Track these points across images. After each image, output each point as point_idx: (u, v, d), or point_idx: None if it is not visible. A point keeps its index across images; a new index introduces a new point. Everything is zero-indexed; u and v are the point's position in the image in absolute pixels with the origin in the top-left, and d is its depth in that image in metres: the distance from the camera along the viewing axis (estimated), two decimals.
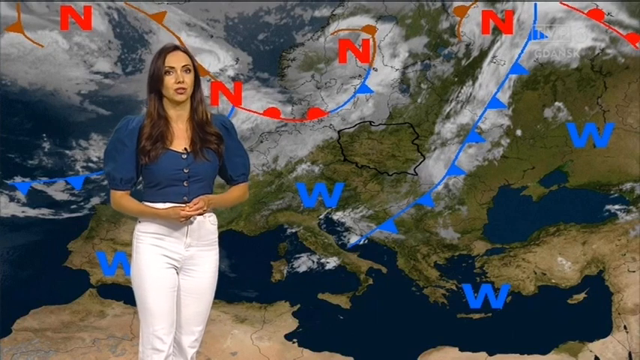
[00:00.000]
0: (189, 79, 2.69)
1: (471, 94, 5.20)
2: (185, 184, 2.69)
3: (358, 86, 5.15)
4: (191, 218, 2.68)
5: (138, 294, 2.78)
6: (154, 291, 2.73)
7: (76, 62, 5.06)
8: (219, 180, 2.85)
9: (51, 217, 5.10)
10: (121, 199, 2.75)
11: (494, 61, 5.17)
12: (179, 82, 2.66)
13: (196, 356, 2.90)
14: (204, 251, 2.77)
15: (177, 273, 2.77)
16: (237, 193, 2.85)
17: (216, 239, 2.82)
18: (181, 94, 2.67)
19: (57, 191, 5.10)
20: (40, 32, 4.98)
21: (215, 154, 2.73)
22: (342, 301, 5.20)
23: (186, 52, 2.74)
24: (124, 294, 5.08)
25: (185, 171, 2.69)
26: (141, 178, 2.78)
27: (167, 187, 2.70)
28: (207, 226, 2.76)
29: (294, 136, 5.24)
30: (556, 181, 5.22)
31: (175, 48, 2.73)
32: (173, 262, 2.74)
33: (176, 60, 2.69)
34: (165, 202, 2.70)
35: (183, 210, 2.63)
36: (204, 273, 2.79)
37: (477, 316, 5.10)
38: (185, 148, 2.70)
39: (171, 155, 2.68)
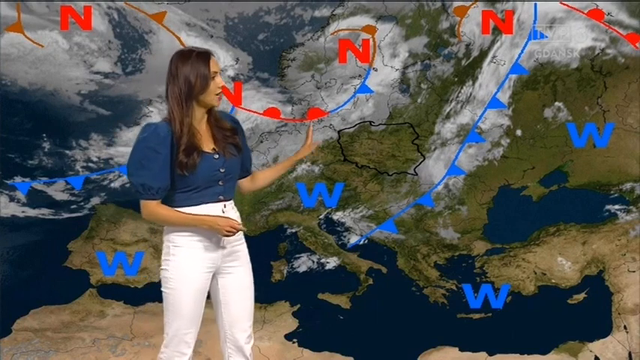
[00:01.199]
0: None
1: (470, 94, 5.20)
2: (221, 183, 2.70)
3: (358, 86, 5.15)
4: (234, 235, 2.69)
5: (171, 297, 2.72)
6: (189, 296, 2.71)
7: (76, 62, 5.06)
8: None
9: (51, 217, 5.10)
10: (157, 207, 2.66)
11: (494, 61, 5.17)
12: (219, 87, 2.67)
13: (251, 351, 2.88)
14: (239, 245, 2.80)
15: (213, 276, 2.77)
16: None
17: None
18: (220, 99, 2.70)
19: (57, 191, 5.10)
20: (40, 32, 4.98)
21: (235, 148, 2.75)
22: (342, 301, 5.20)
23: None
24: (124, 294, 5.09)
25: (221, 171, 2.70)
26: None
27: (204, 190, 2.69)
28: (239, 220, 2.78)
29: (294, 136, 5.24)
30: (556, 181, 5.22)
31: (210, 52, 2.70)
32: (210, 265, 2.74)
33: (215, 64, 2.68)
34: (200, 204, 2.68)
35: (233, 222, 2.65)
36: (243, 267, 2.80)
37: (477, 316, 5.10)
38: (213, 149, 2.70)
39: (206, 159, 2.67)
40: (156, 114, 5.08)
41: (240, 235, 2.80)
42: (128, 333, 5.05)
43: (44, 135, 5.08)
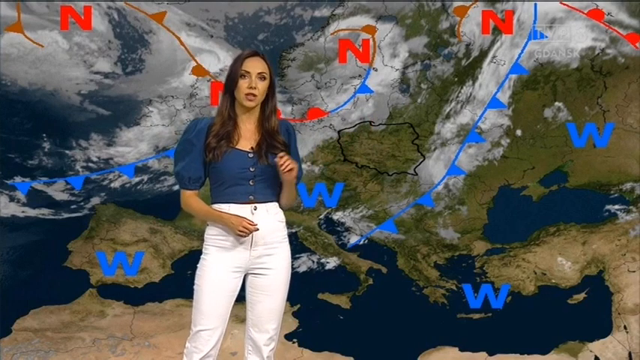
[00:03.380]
0: (262, 86, 2.72)
1: (470, 94, 5.20)
2: (251, 182, 2.71)
3: (358, 86, 5.15)
4: (252, 232, 2.69)
5: (196, 294, 2.80)
6: (210, 293, 2.76)
7: (76, 62, 5.06)
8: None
9: (51, 217, 5.10)
10: (189, 198, 2.78)
11: (494, 61, 5.17)
12: (251, 88, 2.69)
13: (273, 355, 2.90)
14: (274, 248, 2.80)
15: (246, 275, 2.80)
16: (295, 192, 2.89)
17: (285, 236, 2.85)
18: (251, 100, 2.71)
19: (57, 191, 5.10)
20: (40, 32, 4.98)
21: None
22: (342, 301, 5.20)
23: (264, 60, 2.76)
24: (124, 294, 5.09)
25: (251, 170, 2.71)
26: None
27: (233, 187, 2.72)
28: (274, 223, 2.79)
29: None
30: (556, 181, 5.22)
31: (255, 54, 2.75)
32: (238, 265, 2.77)
33: (253, 65, 2.71)
34: (229, 202, 2.72)
35: (246, 222, 2.66)
36: (276, 270, 2.82)
37: (477, 316, 5.10)
38: (252, 147, 2.73)
39: (237, 154, 2.71)
40: (156, 114, 5.09)
41: (276, 238, 2.80)
42: (128, 333, 5.05)
43: (44, 135, 5.08)
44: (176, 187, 2.90)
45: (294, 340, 5.11)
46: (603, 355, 5.05)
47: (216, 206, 2.75)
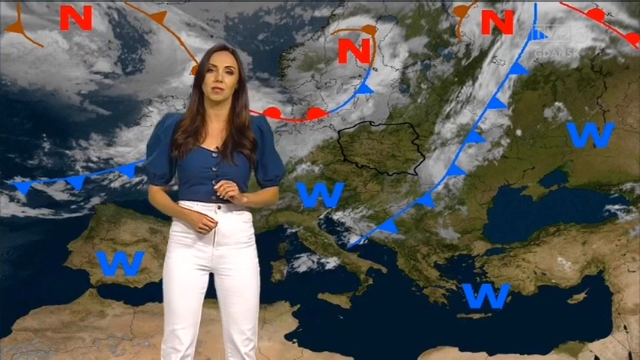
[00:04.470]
0: (229, 80, 2.71)
1: (470, 94, 5.20)
2: (213, 182, 2.69)
3: (358, 86, 5.15)
4: (214, 228, 2.67)
5: (164, 292, 2.80)
6: (178, 291, 2.74)
7: (76, 62, 5.06)
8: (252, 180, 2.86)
9: (51, 217, 5.10)
10: (156, 194, 2.80)
11: (494, 61, 5.17)
12: (217, 81, 2.68)
13: (254, 355, 2.90)
14: (238, 249, 2.77)
15: (212, 273, 2.78)
16: (263, 195, 2.85)
17: (251, 237, 2.82)
18: (217, 93, 2.69)
19: (57, 191, 5.10)
20: (40, 32, 4.98)
21: (246, 160, 2.73)
22: (342, 301, 5.20)
23: (233, 54, 2.76)
24: (124, 294, 5.09)
25: (214, 169, 2.69)
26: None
27: (196, 185, 2.71)
28: (239, 224, 2.75)
29: (294, 136, 5.24)
30: (556, 181, 5.22)
31: (224, 48, 2.77)
32: (202, 263, 2.75)
33: (220, 59, 2.72)
34: (193, 200, 2.72)
35: (206, 219, 2.64)
36: (241, 272, 2.78)
37: (477, 316, 5.10)
38: (217, 147, 2.71)
39: (201, 152, 2.70)
40: (156, 114, 5.08)
41: (241, 239, 2.77)
42: (128, 333, 5.05)
43: (44, 135, 5.08)
44: (175, 187, 2.89)
45: (294, 340, 5.11)
46: (603, 355, 5.05)
47: (182, 203, 2.74)
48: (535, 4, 5.02)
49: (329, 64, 5.19)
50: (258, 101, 5.16)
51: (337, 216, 5.28)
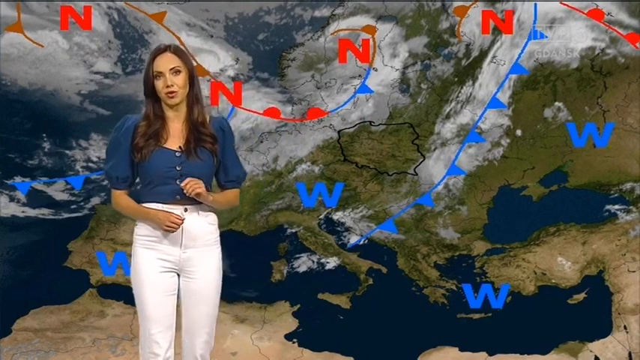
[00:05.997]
0: (178, 80, 2.65)
1: (470, 94, 5.20)
2: (177, 182, 2.64)
3: (358, 86, 5.15)
4: (181, 226, 2.63)
5: (136, 297, 2.77)
6: (149, 295, 2.72)
7: (76, 62, 5.06)
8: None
9: (51, 217, 5.10)
10: (119, 198, 2.75)
11: (494, 61, 5.17)
12: (168, 87, 2.63)
13: (208, 357, 2.83)
14: (204, 251, 2.72)
15: (179, 275, 2.74)
16: (226, 196, 2.80)
17: (217, 239, 2.76)
18: (172, 97, 2.65)
19: (57, 191, 5.10)
20: (40, 32, 4.98)
21: (210, 154, 2.69)
22: (342, 301, 5.20)
23: (175, 52, 2.69)
24: (124, 294, 5.08)
25: (177, 168, 2.65)
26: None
27: (160, 186, 2.66)
28: (205, 226, 2.71)
29: (294, 136, 5.24)
30: (556, 181, 5.22)
31: (164, 50, 2.68)
32: (170, 265, 2.70)
33: (163, 64, 2.65)
34: (157, 201, 2.67)
35: (173, 217, 2.60)
36: (206, 274, 2.73)
37: (477, 316, 5.10)
38: (180, 147, 2.66)
39: (163, 152, 2.65)
40: None
41: (208, 242, 2.73)
42: (128, 333, 5.05)
43: (44, 135, 5.08)
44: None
45: (294, 340, 5.10)
46: (603, 355, 5.05)
47: (145, 205, 2.68)
48: (535, 4, 5.02)
49: (329, 64, 5.19)
50: (258, 101, 5.16)
51: (337, 216, 5.28)
